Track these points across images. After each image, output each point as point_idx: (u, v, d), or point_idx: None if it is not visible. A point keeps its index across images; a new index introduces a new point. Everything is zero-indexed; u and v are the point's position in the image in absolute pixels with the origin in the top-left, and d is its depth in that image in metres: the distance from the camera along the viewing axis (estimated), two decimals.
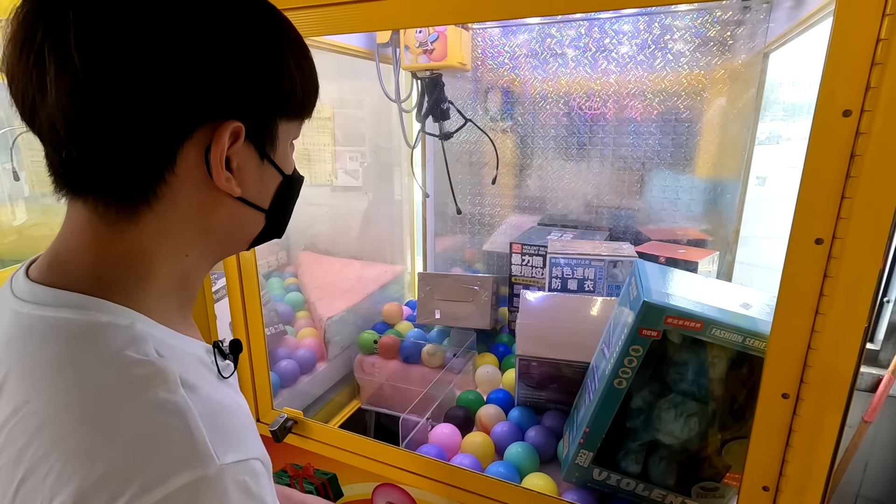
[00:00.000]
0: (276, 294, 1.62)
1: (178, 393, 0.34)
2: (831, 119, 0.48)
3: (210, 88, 0.36)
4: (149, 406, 0.33)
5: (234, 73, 0.37)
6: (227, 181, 0.39)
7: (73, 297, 0.36)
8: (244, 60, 0.38)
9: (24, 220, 1.83)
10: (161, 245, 0.39)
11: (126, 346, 0.35)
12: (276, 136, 0.43)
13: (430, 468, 0.86)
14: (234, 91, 0.38)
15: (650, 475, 0.81)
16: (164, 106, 0.35)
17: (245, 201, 0.42)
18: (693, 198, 1.41)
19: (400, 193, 1.79)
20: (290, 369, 1.32)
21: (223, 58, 0.36)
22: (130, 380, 0.34)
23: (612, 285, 1.17)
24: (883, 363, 1.35)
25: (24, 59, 0.33)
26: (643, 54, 1.36)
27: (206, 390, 0.37)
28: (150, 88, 0.34)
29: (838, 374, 0.52)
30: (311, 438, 0.98)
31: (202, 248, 0.43)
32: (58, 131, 0.34)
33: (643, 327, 0.70)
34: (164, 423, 0.33)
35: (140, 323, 0.37)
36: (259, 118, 0.40)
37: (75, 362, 0.34)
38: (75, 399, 0.33)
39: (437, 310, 1.36)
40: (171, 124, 0.36)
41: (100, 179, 0.36)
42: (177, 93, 0.35)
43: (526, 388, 1.05)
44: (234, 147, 0.39)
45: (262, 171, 0.43)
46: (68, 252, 0.39)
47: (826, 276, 0.50)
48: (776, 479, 0.59)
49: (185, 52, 0.35)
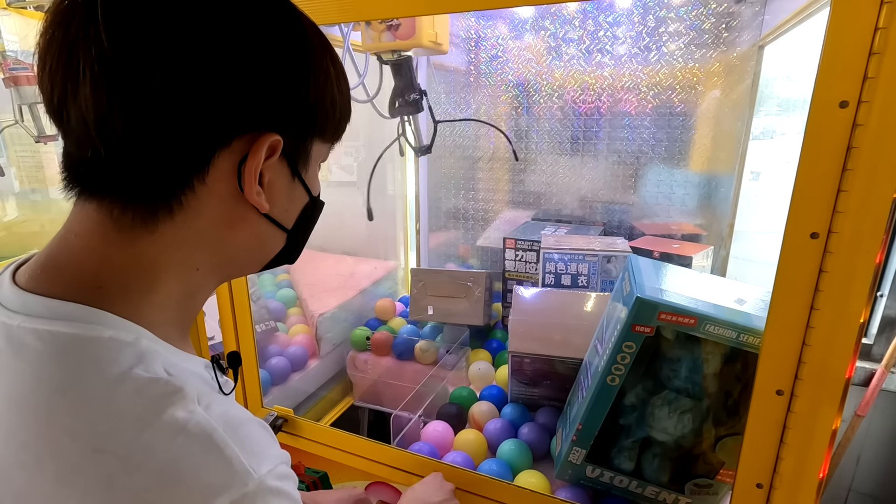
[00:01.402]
0: (267, 290, 1.60)
1: (197, 412, 0.32)
2: (828, 110, 0.46)
3: (256, 97, 0.35)
4: (170, 429, 0.30)
5: (281, 84, 0.36)
6: (258, 195, 0.38)
7: (70, 308, 0.33)
8: (292, 73, 0.37)
9: (14, 216, 1.80)
10: (172, 256, 0.37)
11: (134, 364, 0.32)
12: (309, 155, 0.42)
13: (423, 466, 0.85)
14: (278, 103, 0.36)
15: (644, 472, 0.80)
16: (206, 109, 0.33)
17: (270, 219, 0.41)
18: (687, 192, 1.40)
19: (393, 189, 1.78)
20: (282, 366, 1.31)
21: (273, 69, 0.35)
22: (144, 401, 0.31)
23: (605, 281, 1.16)
24: (876, 357, 1.35)
25: (58, 51, 0.31)
26: (637, 47, 1.35)
27: (219, 406, 0.34)
28: (193, 89, 0.32)
29: (833, 370, 0.52)
30: (301, 437, 0.97)
31: (214, 264, 0.40)
32: (87, 127, 0.32)
33: (636, 323, 0.69)
34: (190, 446, 0.30)
35: (145, 339, 0.34)
36: (297, 135, 0.39)
37: (78, 384, 0.31)
38: (83, 426, 0.29)
39: (430, 306, 1.35)
40: (210, 129, 0.34)
41: (123, 181, 0.34)
42: (221, 97, 0.33)
43: (519, 385, 1.04)
44: (268, 161, 0.37)
45: (292, 190, 0.41)
46: (68, 256, 0.35)
47: (821, 271, 0.50)
48: (770, 477, 0.58)
49: (234, 56, 0.33)
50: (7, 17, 1.23)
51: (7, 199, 1.77)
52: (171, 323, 0.39)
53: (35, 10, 1.25)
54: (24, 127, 1.28)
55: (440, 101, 1.66)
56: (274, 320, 1.41)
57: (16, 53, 1.24)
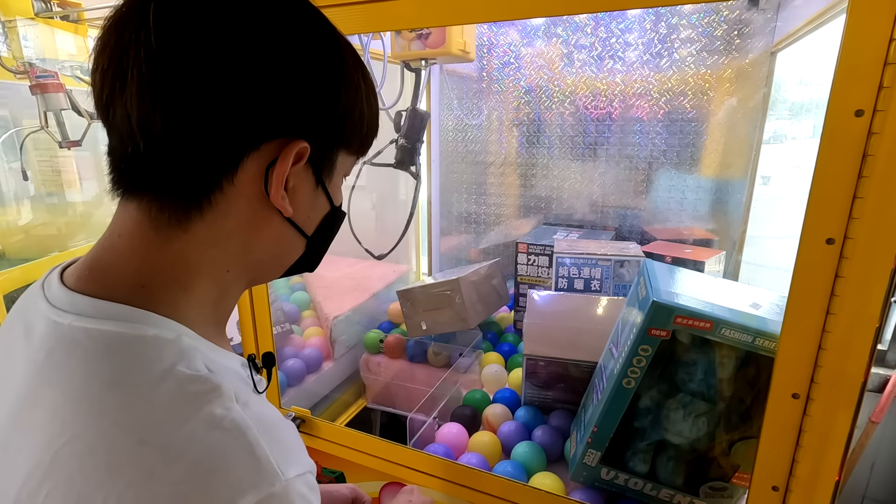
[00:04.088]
0: (282, 293, 1.62)
1: (234, 409, 0.33)
2: (843, 119, 0.47)
3: (288, 105, 0.37)
4: (207, 424, 0.32)
5: (314, 94, 0.38)
6: (283, 199, 0.39)
7: (117, 309, 0.35)
8: (326, 84, 0.38)
9: (30, 219, 1.84)
10: (205, 256, 0.39)
11: (177, 361, 0.34)
12: (334, 165, 0.43)
13: (438, 467, 0.86)
14: (309, 112, 0.38)
15: (658, 475, 0.81)
16: (240, 113, 0.35)
17: (293, 223, 0.42)
18: (699, 197, 1.41)
19: (405, 193, 1.79)
20: (297, 368, 1.32)
21: (306, 79, 0.37)
22: (185, 397, 0.33)
23: (618, 285, 1.17)
24: (890, 363, 1.35)
25: (110, 53, 0.34)
26: (649, 54, 1.36)
27: (255, 405, 0.36)
28: (230, 93, 0.34)
29: (849, 374, 0.52)
30: (318, 437, 0.98)
31: (242, 267, 0.42)
32: (130, 123, 0.34)
33: (652, 327, 0.70)
34: (224, 442, 0.32)
35: (186, 336, 0.36)
36: (324, 144, 0.40)
37: (126, 380, 0.33)
38: (131, 420, 0.31)
39: (423, 322, 1.36)
40: (242, 132, 0.36)
41: (160, 177, 0.36)
42: (254, 102, 0.35)
43: (533, 388, 1.05)
44: (295, 167, 0.38)
45: (315, 198, 0.43)
46: (112, 256, 0.38)
47: (837, 277, 0.50)
48: (786, 479, 0.58)
49: (271, 65, 0.35)
50: (34, 26, 1.27)
51: (23, 202, 1.81)
52: (209, 321, 0.41)
53: (61, 20, 1.29)
54: (48, 132, 1.32)
55: (452, 107, 1.68)
56: (289, 322, 1.43)
57: (44, 62, 1.28)
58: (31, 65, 1.28)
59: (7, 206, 1.77)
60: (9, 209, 1.78)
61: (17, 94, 1.61)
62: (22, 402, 0.34)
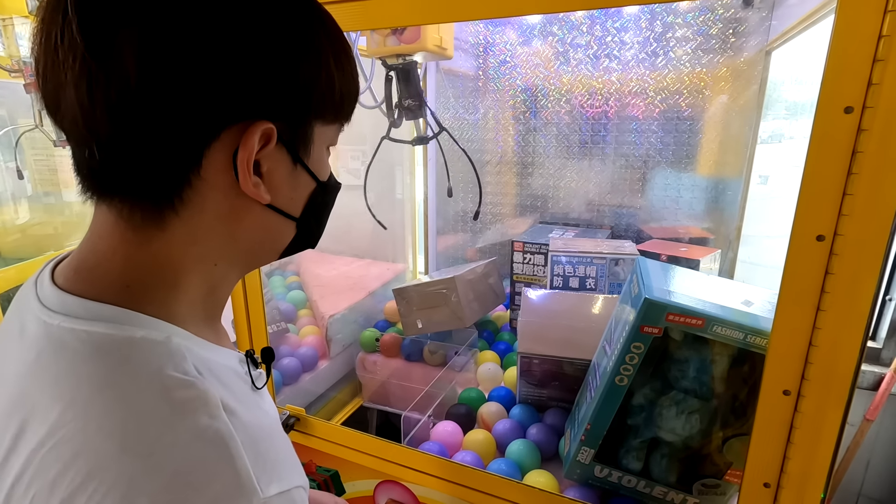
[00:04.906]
0: (278, 292, 1.62)
1: (220, 418, 0.32)
2: (833, 116, 0.48)
3: (239, 85, 0.33)
4: (191, 434, 0.31)
5: (266, 69, 0.34)
6: (256, 186, 0.36)
7: (105, 310, 0.34)
8: (278, 55, 0.35)
9: (27, 218, 1.84)
10: (188, 253, 0.37)
11: (165, 364, 0.33)
12: (311, 139, 0.40)
13: (432, 465, 0.86)
14: (265, 89, 0.35)
15: (651, 472, 0.81)
16: (187, 103, 0.32)
17: (275, 209, 0.39)
18: (695, 196, 1.41)
19: (401, 192, 1.80)
20: (293, 367, 1.32)
21: (255, 52, 0.33)
22: (171, 404, 0.32)
23: (613, 283, 1.17)
24: (885, 361, 1.35)
25: (44, 52, 0.31)
26: (645, 52, 1.36)
27: (246, 413, 0.35)
28: (170, 82, 0.31)
29: (840, 370, 0.52)
30: (313, 435, 0.98)
31: (231, 258, 0.40)
32: (78, 127, 0.32)
33: (644, 324, 0.70)
34: (206, 453, 0.31)
35: (176, 337, 0.35)
36: (293, 119, 0.37)
37: (113, 384, 0.32)
38: (115, 425, 0.31)
39: (419, 320, 1.35)
40: (195, 124, 0.33)
41: (124, 181, 0.34)
42: (201, 89, 0.32)
43: (527, 386, 1.05)
44: (264, 150, 0.36)
45: (295, 177, 0.40)
46: (95, 257, 0.36)
47: (827, 273, 0.51)
48: (777, 476, 0.59)
49: (211, 45, 0.32)
50: (29, 24, 1.26)
51: (20, 202, 1.80)
52: (201, 317, 0.40)
53: None
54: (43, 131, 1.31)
55: (449, 105, 1.67)
56: (285, 321, 1.43)
57: None
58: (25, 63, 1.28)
59: (4, 205, 1.76)
60: (5, 208, 1.78)
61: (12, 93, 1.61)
62: (13, 403, 0.34)
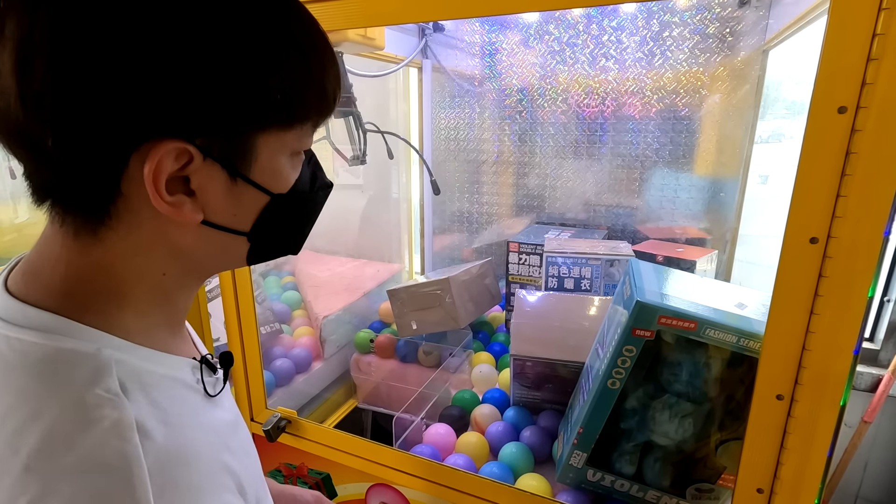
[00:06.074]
0: (272, 293, 1.61)
1: (130, 442, 0.30)
2: (826, 116, 0.47)
3: (140, 104, 0.30)
4: (93, 460, 0.29)
5: (173, 83, 0.30)
6: (175, 206, 0.33)
7: (42, 318, 0.33)
8: (180, 68, 0.30)
9: (26, 218, 1.83)
10: (131, 264, 0.35)
11: (87, 380, 0.31)
12: (253, 151, 0.35)
13: (424, 468, 0.85)
14: (173, 106, 0.31)
15: (645, 476, 0.80)
16: (88, 121, 0.30)
17: (213, 225, 0.36)
18: (692, 196, 1.40)
19: (398, 192, 1.79)
20: (286, 368, 1.31)
21: (156, 65, 0.30)
22: (83, 424, 0.30)
23: (608, 284, 1.16)
24: (883, 363, 1.34)
25: None
26: (642, 51, 1.35)
27: (169, 435, 0.33)
28: (65, 101, 0.29)
29: (834, 375, 0.51)
30: (304, 438, 0.97)
31: (182, 269, 0.38)
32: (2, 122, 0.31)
33: (636, 327, 0.69)
34: (104, 480, 0.29)
35: (108, 348, 0.33)
36: (223, 133, 0.33)
37: (29, 399, 0.31)
38: (22, 443, 0.29)
39: (413, 322, 1.34)
40: (105, 141, 0.31)
41: (50, 186, 0.33)
42: (98, 110, 0.29)
43: (521, 388, 1.04)
44: (190, 166, 0.33)
45: (237, 193, 0.36)
46: (41, 261, 0.36)
47: (821, 276, 0.50)
48: (770, 481, 0.58)
49: (104, 60, 0.29)
50: None
51: (19, 201, 1.80)
52: (157, 325, 0.38)
53: None
54: None
55: (444, 104, 1.67)
56: (278, 322, 1.42)
57: None
58: None
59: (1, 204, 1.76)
60: (2, 208, 1.77)
61: None
62: None
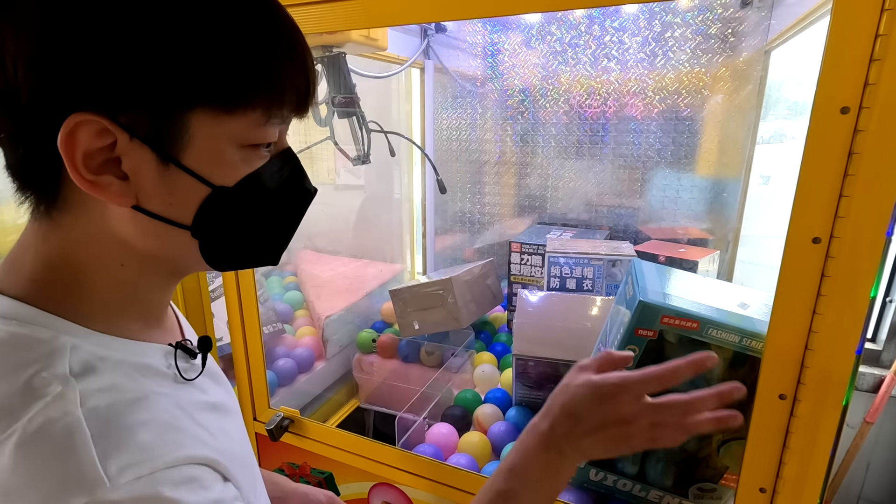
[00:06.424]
0: (275, 293, 1.62)
1: (71, 413, 0.30)
2: (829, 116, 0.47)
3: (64, 74, 0.29)
4: (36, 433, 0.30)
5: (95, 54, 0.29)
6: (100, 187, 0.32)
7: (6, 305, 0.34)
8: (109, 36, 0.29)
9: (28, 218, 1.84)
10: (87, 252, 0.36)
11: (37, 363, 0.32)
12: (185, 133, 0.33)
13: (426, 468, 0.86)
14: (94, 77, 0.30)
15: (647, 476, 0.80)
16: (18, 92, 0.30)
17: (148, 212, 0.34)
18: (693, 196, 1.40)
19: (399, 192, 1.79)
20: (288, 368, 1.32)
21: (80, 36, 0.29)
22: (27, 401, 0.30)
23: (610, 284, 1.16)
24: (885, 363, 1.34)
25: None
26: (644, 52, 1.35)
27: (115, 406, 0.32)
28: None
29: (836, 375, 0.52)
30: (307, 437, 0.97)
31: (138, 263, 0.38)
32: None
33: (639, 327, 0.69)
34: (52, 445, 0.29)
35: (66, 335, 0.34)
36: (149, 109, 0.31)
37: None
38: None
39: (415, 322, 1.34)
40: (34, 114, 0.30)
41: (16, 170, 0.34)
42: (25, 80, 0.29)
43: (523, 388, 1.05)
44: (119, 146, 0.32)
45: (170, 178, 0.34)
46: (20, 249, 0.37)
47: (824, 276, 0.50)
48: (773, 481, 0.58)
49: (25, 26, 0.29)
50: None
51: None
52: (125, 316, 0.38)
53: None
54: None
55: (447, 105, 1.67)
56: (281, 322, 1.42)
57: None
58: None
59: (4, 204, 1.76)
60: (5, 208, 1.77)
61: None
62: None
